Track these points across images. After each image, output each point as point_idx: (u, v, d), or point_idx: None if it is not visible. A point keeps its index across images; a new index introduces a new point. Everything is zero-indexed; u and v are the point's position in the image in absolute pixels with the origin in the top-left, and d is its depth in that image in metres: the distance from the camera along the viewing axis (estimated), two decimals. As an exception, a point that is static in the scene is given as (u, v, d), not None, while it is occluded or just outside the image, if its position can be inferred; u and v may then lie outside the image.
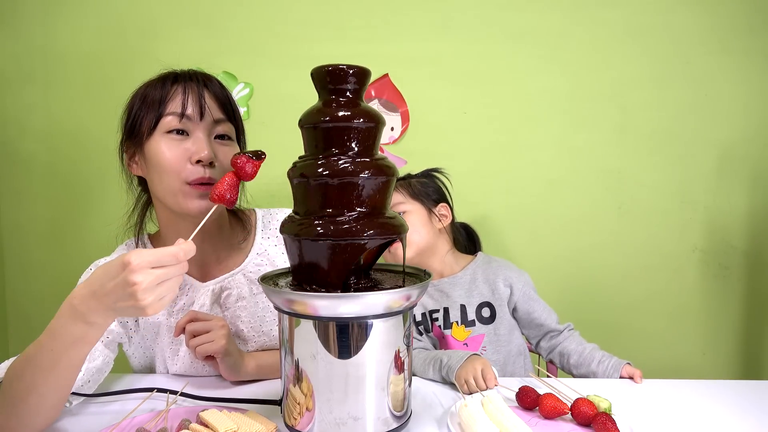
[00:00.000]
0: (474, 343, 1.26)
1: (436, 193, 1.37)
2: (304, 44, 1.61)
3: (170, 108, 0.94)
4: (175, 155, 0.94)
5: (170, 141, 0.95)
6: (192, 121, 0.95)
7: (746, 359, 1.67)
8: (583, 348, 1.22)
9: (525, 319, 1.30)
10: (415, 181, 1.37)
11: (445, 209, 1.36)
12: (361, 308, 0.72)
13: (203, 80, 0.98)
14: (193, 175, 0.93)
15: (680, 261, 1.66)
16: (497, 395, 0.91)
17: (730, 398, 1.00)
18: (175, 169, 0.94)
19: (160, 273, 0.68)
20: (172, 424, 0.85)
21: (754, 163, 1.62)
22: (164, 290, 0.69)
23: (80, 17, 1.64)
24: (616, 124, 1.63)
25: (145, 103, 0.96)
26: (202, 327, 0.97)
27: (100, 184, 1.67)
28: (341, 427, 0.74)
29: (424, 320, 1.31)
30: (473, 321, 1.28)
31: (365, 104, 0.78)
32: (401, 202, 1.33)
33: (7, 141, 1.69)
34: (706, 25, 1.59)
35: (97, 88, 1.65)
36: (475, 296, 1.29)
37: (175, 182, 0.94)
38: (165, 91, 0.95)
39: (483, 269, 1.32)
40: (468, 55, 1.62)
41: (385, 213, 0.78)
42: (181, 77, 0.98)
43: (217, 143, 0.98)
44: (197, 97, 0.95)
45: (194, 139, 0.95)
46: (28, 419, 0.78)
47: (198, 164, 0.94)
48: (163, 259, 0.69)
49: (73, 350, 0.74)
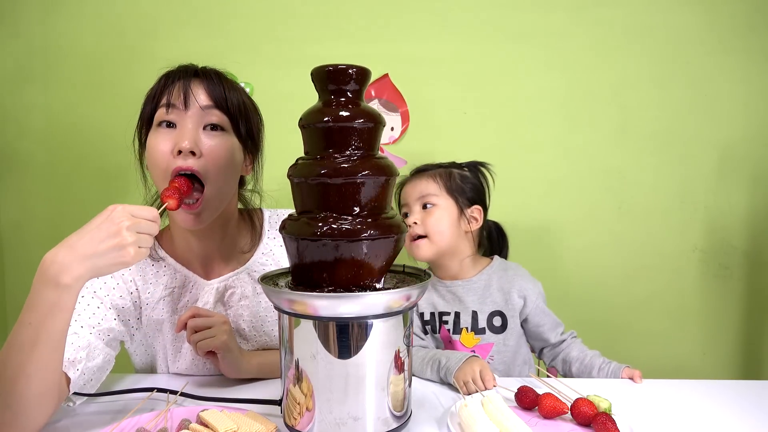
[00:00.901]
0: (482, 351, 1.24)
1: (474, 191, 1.29)
2: (304, 44, 1.61)
3: (161, 101, 0.95)
4: (164, 148, 0.94)
5: (160, 134, 0.95)
6: (178, 110, 0.94)
7: (746, 359, 1.67)
8: (584, 356, 1.21)
9: (533, 330, 1.28)
10: (457, 173, 1.28)
11: (478, 212, 1.29)
12: (361, 308, 0.72)
13: (195, 72, 0.98)
14: (173, 165, 0.93)
15: (680, 261, 1.66)
16: (497, 395, 0.91)
17: (730, 398, 1.00)
18: (162, 163, 0.94)
19: (140, 222, 0.76)
20: (172, 424, 0.86)
21: (754, 163, 1.62)
22: (143, 240, 0.76)
23: (80, 17, 1.64)
24: (616, 124, 1.63)
25: (147, 100, 0.98)
26: (203, 323, 0.97)
27: (100, 184, 1.67)
28: (341, 427, 0.74)
29: (432, 320, 1.28)
30: (483, 329, 1.25)
31: (365, 104, 0.78)
32: (434, 194, 1.25)
33: (7, 141, 1.69)
34: (706, 25, 1.59)
35: (97, 88, 1.65)
36: (488, 304, 1.26)
37: (163, 175, 0.95)
38: (159, 84, 0.97)
39: (498, 276, 1.28)
40: (468, 55, 1.62)
41: (385, 213, 0.78)
42: (176, 71, 0.98)
43: (206, 133, 0.96)
44: (183, 86, 0.95)
45: (179, 129, 0.94)
46: (20, 408, 0.76)
47: (180, 155, 0.93)
48: (142, 212, 0.77)
49: (50, 320, 0.74)
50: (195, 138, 0.93)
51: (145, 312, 1.06)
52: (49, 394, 0.80)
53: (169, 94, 0.94)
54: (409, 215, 1.27)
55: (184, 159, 0.92)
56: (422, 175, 1.29)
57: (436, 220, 1.23)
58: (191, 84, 0.95)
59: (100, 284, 1.02)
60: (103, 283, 1.02)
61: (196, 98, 0.95)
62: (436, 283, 1.30)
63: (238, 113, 0.99)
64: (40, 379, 0.77)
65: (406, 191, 1.30)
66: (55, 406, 0.83)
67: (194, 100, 0.94)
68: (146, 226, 0.77)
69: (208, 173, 0.95)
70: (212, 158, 0.95)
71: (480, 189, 1.31)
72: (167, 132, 0.95)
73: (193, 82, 0.96)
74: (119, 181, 1.61)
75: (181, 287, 1.07)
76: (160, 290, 1.06)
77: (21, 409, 0.77)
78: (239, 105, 1.00)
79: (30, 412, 0.78)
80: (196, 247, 1.06)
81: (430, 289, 1.30)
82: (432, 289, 1.30)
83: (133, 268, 1.05)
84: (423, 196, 1.26)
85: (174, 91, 0.94)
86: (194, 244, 1.06)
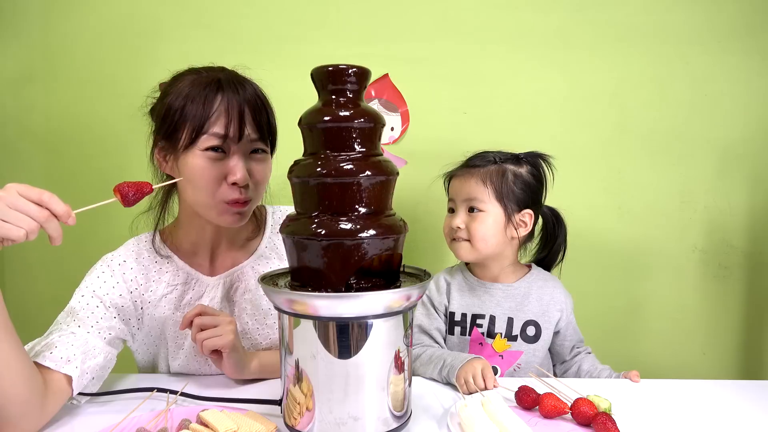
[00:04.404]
0: (511, 357, 1.22)
1: (527, 191, 1.21)
2: (304, 44, 1.61)
3: (212, 128, 0.94)
4: (212, 175, 0.96)
5: (208, 160, 0.95)
6: (232, 140, 0.96)
7: (746, 359, 1.67)
8: (594, 369, 1.21)
9: (558, 343, 1.28)
10: (511, 173, 1.20)
11: (528, 217, 1.22)
12: (361, 308, 0.72)
13: (243, 93, 0.97)
14: (229, 195, 0.97)
15: (680, 261, 1.66)
16: (497, 395, 0.91)
17: (730, 398, 1.00)
18: (211, 189, 0.97)
19: (20, 201, 0.73)
20: (172, 424, 0.86)
21: (754, 163, 1.62)
22: (13, 217, 0.72)
23: (81, 17, 1.64)
24: (616, 124, 1.63)
25: (186, 113, 0.95)
26: (210, 321, 0.97)
27: (100, 184, 1.66)
28: (341, 427, 0.74)
29: (463, 321, 1.25)
30: (516, 336, 1.23)
31: (365, 104, 0.78)
32: (481, 200, 1.19)
33: (7, 141, 1.69)
34: (705, 25, 1.59)
35: (98, 88, 1.65)
36: (525, 312, 1.23)
37: (210, 200, 0.98)
38: (208, 104, 0.94)
39: (538, 286, 1.26)
40: (468, 55, 1.62)
41: (385, 213, 0.78)
42: (224, 87, 0.96)
43: (252, 160, 1.00)
44: (238, 117, 0.95)
45: (232, 161, 0.96)
46: None
47: (234, 185, 0.96)
48: (32, 193, 0.74)
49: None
50: (247, 169, 0.97)
51: (147, 310, 1.06)
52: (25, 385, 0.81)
53: (221, 124, 0.94)
54: (455, 213, 1.23)
55: (239, 190, 0.97)
56: (474, 173, 1.21)
57: (480, 227, 1.19)
58: (245, 114, 0.96)
59: (99, 283, 1.02)
60: (102, 282, 1.02)
61: (249, 131, 0.97)
62: (474, 284, 1.27)
63: (273, 132, 1.04)
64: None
65: (455, 186, 1.25)
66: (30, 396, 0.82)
67: (247, 132, 0.97)
68: (25, 206, 0.73)
69: (256, 195, 1.02)
70: (259, 184, 1.02)
71: (534, 188, 1.23)
72: (216, 158, 0.96)
73: (245, 111, 0.96)
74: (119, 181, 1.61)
75: (183, 284, 1.08)
76: (162, 287, 1.06)
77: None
78: (271, 120, 1.03)
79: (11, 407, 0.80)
80: (209, 236, 1.09)
81: (466, 289, 1.28)
82: (468, 290, 1.27)
83: (136, 267, 1.06)
84: (470, 198, 1.21)
85: (229, 123, 0.95)
86: (208, 234, 1.08)
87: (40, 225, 0.74)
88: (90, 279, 1.03)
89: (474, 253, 1.22)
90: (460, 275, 1.30)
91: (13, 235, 0.73)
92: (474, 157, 1.26)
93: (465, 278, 1.29)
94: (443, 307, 1.27)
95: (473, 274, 1.29)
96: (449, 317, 1.27)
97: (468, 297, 1.27)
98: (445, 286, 1.29)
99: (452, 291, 1.27)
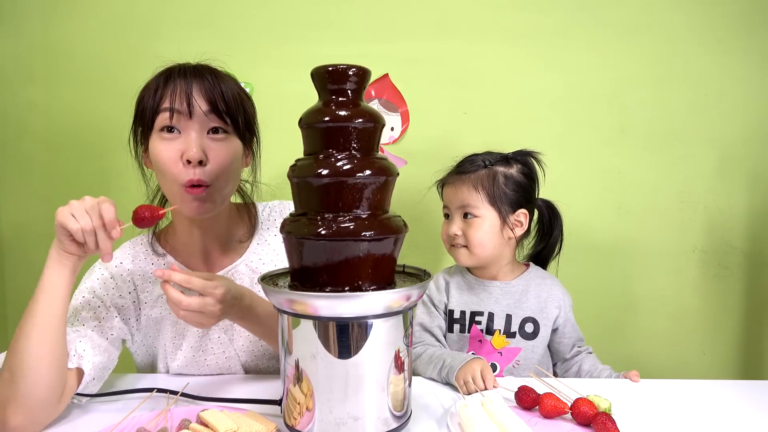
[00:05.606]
0: (510, 354, 1.23)
1: (519, 191, 1.22)
2: (304, 44, 1.61)
3: (163, 104, 0.95)
4: (170, 156, 0.95)
5: (164, 140, 0.95)
6: (183, 116, 0.94)
7: (746, 359, 1.67)
8: (594, 369, 1.21)
9: (557, 341, 1.28)
10: (501, 176, 1.21)
11: (523, 216, 1.23)
12: (361, 308, 0.72)
13: (194, 73, 0.97)
14: (185, 177, 0.94)
15: (680, 261, 1.66)
16: (497, 395, 0.91)
17: (730, 398, 1.00)
18: (171, 171, 0.95)
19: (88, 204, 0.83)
20: (172, 424, 0.86)
21: (754, 163, 1.62)
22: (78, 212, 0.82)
23: (81, 17, 1.64)
24: (615, 124, 1.63)
25: (145, 102, 0.97)
26: (197, 306, 0.89)
27: (100, 184, 1.67)
28: (341, 427, 0.74)
29: (462, 319, 1.26)
30: (514, 333, 1.24)
31: (365, 104, 0.78)
32: (475, 206, 1.20)
33: (7, 141, 1.69)
34: (705, 25, 1.59)
35: (98, 88, 1.65)
36: (523, 309, 1.24)
37: (173, 184, 0.96)
38: (158, 85, 0.96)
39: (536, 283, 1.27)
40: (468, 55, 1.62)
41: (385, 213, 0.78)
42: (174, 71, 0.97)
43: (210, 139, 0.96)
44: (185, 92, 0.94)
45: (184, 138, 0.95)
46: (28, 389, 0.82)
47: (189, 165, 0.94)
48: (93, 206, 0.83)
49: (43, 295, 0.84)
50: (201, 146, 0.94)
51: (144, 311, 1.06)
52: (56, 378, 0.85)
53: (172, 99, 0.94)
54: (451, 220, 1.24)
55: (193, 170, 0.94)
56: (464, 179, 1.22)
57: (477, 233, 1.20)
58: (192, 89, 0.95)
59: (99, 284, 1.02)
60: (102, 283, 1.02)
61: (198, 104, 0.94)
62: (472, 282, 1.28)
63: (236, 110, 0.99)
64: (44, 356, 0.83)
65: (448, 194, 1.26)
66: (58, 390, 0.86)
67: (197, 105, 0.94)
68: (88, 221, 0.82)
69: (216, 180, 0.97)
70: (218, 164, 0.97)
71: (526, 186, 1.24)
72: (171, 138, 0.95)
73: (193, 86, 0.95)
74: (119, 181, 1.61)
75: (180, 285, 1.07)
76: (158, 288, 1.06)
77: (30, 390, 0.82)
78: (235, 99, 0.99)
79: (38, 395, 0.83)
80: (198, 238, 1.07)
81: (465, 288, 1.28)
82: (467, 288, 1.28)
83: (132, 267, 1.06)
84: (464, 205, 1.22)
85: (177, 97, 0.94)
86: (196, 236, 1.07)
87: (94, 229, 0.82)
88: (90, 280, 1.03)
89: (473, 259, 1.23)
90: (459, 274, 1.30)
91: (70, 225, 0.81)
92: (463, 162, 1.26)
93: (464, 277, 1.30)
94: (443, 305, 1.28)
95: (472, 273, 1.30)
96: (448, 315, 1.28)
97: (467, 295, 1.28)
98: (444, 285, 1.30)
99: (451, 289, 1.28)
